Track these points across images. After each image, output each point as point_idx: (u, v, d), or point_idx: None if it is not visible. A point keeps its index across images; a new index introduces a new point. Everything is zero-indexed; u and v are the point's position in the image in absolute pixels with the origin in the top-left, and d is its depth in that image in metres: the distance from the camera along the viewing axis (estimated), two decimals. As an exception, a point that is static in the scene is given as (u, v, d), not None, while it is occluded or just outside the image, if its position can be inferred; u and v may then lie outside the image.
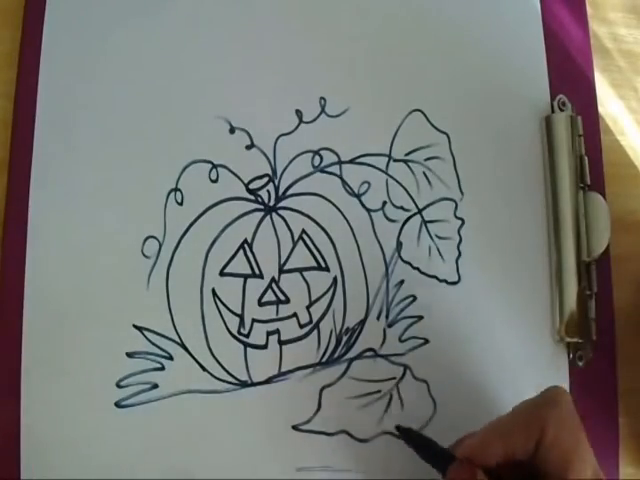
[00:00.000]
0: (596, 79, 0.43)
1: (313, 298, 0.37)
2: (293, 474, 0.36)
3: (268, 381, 0.36)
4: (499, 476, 0.30)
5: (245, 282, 0.37)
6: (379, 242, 0.38)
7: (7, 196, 0.37)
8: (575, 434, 0.30)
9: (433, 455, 0.32)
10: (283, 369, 0.37)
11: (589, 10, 0.43)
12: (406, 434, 0.34)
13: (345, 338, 0.37)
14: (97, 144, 0.38)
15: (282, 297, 0.37)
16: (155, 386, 0.36)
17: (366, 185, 0.39)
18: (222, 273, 0.37)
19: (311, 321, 0.37)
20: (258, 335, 0.37)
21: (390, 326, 0.38)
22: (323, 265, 0.38)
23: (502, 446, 0.30)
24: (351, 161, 0.39)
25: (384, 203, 0.39)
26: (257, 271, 0.37)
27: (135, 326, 0.36)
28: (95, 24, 0.39)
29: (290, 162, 0.38)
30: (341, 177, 0.39)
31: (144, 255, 0.37)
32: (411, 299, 0.38)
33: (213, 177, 0.38)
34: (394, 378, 0.37)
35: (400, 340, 0.38)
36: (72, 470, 0.35)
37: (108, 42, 0.39)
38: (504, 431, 0.31)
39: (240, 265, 0.37)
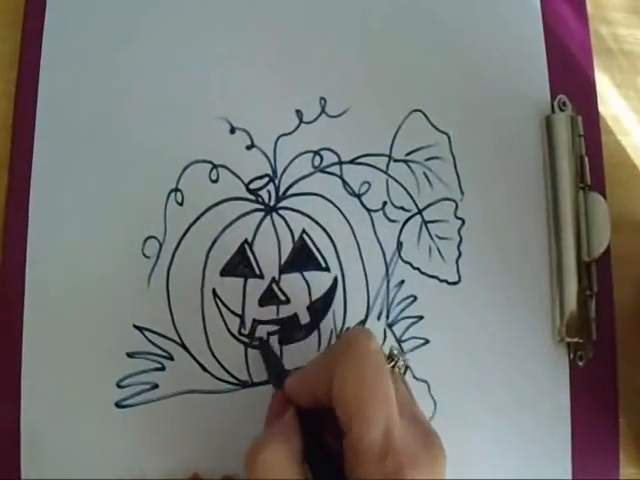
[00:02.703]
0: (597, 79, 0.43)
1: (313, 298, 0.37)
2: (293, 474, 0.36)
3: (269, 381, 0.36)
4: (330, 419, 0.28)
5: (245, 282, 0.37)
6: (379, 242, 0.38)
7: (7, 196, 0.37)
8: (358, 388, 0.27)
9: (276, 376, 0.33)
10: (284, 369, 0.37)
11: (590, 10, 0.43)
12: (264, 347, 0.36)
13: (345, 338, 0.37)
14: (97, 144, 0.37)
15: (282, 297, 0.37)
16: (155, 386, 0.36)
17: (366, 185, 0.39)
18: (222, 273, 0.37)
19: (311, 321, 0.37)
20: (259, 335, 0.37)
21: (390, 326, 0.38)
22: (323, 265, 0.38)
23: (307, 391, 0.29)
24: (351, 161, 0.39)
25: (384, 203, 0.39)
26: (257, 271, 0.37)
27: (135, 326, 0.36)
28: (95, 24, 0.39)
29: (290, 162, 0.38)
30: (341, 177, 0.39)
31: (144, 255, 0.37)
32: (411, 299, 0.38)
33: (213, 177, 0.38)
34: (394, 378, 0.37)
35: (400, 340, 0.38)
36: (72, 470, 0.35)
37: (108, 42, 0.38)
38: (306, 377, 0.30)
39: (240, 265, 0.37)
